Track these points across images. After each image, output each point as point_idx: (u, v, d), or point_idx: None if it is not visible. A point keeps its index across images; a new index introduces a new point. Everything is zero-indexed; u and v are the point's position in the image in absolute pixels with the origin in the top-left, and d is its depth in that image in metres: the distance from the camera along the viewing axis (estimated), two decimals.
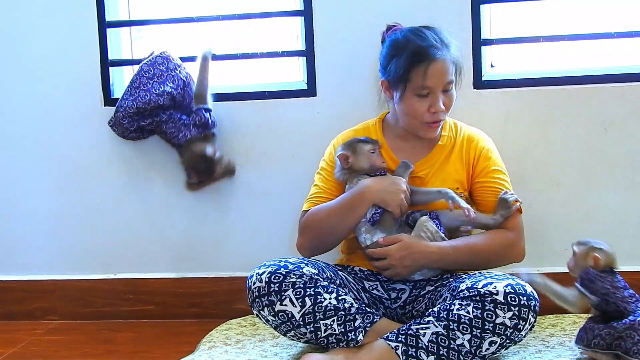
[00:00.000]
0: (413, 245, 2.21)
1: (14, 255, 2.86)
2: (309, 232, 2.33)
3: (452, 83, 2.27)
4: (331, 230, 2.29)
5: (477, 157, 2.34)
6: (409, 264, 2.21)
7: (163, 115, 2.60)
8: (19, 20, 2.76)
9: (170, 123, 2.60)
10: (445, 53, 2.25)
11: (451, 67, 2.26)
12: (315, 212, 2.32)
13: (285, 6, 2.71)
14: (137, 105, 2.57)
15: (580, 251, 2.16)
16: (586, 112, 2.55)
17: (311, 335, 2.11)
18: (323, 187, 2.37)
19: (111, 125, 2.66)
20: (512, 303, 1.99)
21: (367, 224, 2.26)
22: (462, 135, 2.39)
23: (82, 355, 2.46)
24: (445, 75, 2.25)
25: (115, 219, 2.80)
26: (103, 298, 2.81)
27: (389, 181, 2.26)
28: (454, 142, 2.37)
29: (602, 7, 2.60)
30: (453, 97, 2.30)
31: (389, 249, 2.22)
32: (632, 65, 2.56)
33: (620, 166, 2.56)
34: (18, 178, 2.83)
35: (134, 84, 2.59)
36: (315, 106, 2.66)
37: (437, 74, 2.24)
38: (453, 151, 2.35)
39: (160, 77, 2.60)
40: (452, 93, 2.29)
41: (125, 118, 2.60)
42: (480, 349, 2.01)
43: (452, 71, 2.26)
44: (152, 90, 2.57)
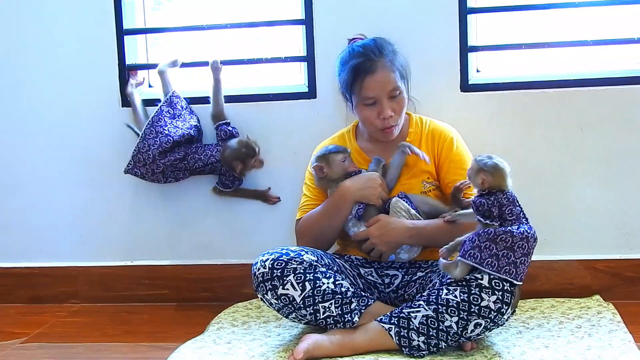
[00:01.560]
0: (390, 222, 2.24)
1: (41, 244, 2.88)
2: (304, 238, 2.38)
3: (396, 89, 2.29)
4: (322, 233, 2.34)
5: (442, 147, 2.36)
6: (388, 239, 2.24)
7: (192, 147, 2.63)
8: (45, 30, 2.78)
9: (200, 150, 2.62)
10: (383, 63, 2.27)
11: (393, 75, 2.28)
12: (305, 220, 2.37)
13: (288, 15, 2.72)
14: (173, 139, 2.55)
15: (472, 168, 2.05)
16: (564, 114, 2.56)
17: (311, 317, 2.14)
18: (310, 196, 2.42)
19: (131, 168, 2.61)
20: (496, 288, 2.00)
21: (353, 219, 2.31)
22: (427, 127, 2.41)
23: (103, 336, 2.49)
24: (386, 84, 2.28)
25: (133, 210, 2.81)
26: (122, 283, 2.83)
27: (366, 178, 2.30)
28: (420, 137, 2.39)
29: (579, 17, 2.61)
30: (403, 102, 2.32)
31: (369, 229, 2.27)
32: (606, 71, 2.56)
33: (595, 163, 2.57)
34: (45, 173, 2.85)
35: (157, 124, 2.57)
36: (316, 107, 2.68)
37: (377, 85, 2.27)
38: (420, 145, 2.37)
39: (181, 115, 2.63)
40: (400, 98, 2.30)
41: (160, 154, 2.55)
42: (466, 330, 2.03)
43: (396, 78, 2.28)
44: (180, 125, 2.60)
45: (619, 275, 2.57)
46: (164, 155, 2.57)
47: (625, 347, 2.07)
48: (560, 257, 2.59)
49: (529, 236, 2.01)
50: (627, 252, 2.57)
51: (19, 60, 2.82)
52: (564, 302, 2.49)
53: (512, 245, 1.98)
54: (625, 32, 2.57)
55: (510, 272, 1.98)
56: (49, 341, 2.45)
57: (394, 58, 2.31)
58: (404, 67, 2.33)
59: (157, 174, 2.60)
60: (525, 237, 1.99)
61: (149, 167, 2.58)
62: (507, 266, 1.98)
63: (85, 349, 2.37)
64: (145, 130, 2.57)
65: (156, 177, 2.62)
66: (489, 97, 2.59)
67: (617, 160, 2.55)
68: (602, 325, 2.25)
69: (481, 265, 1.99)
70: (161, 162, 2.57)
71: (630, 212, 2.57)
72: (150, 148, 2.56)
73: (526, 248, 2.00)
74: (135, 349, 2.35)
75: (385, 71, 2.28)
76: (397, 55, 2.34)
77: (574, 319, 2.33)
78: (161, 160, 2.56)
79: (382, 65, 2.28)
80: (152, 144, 2.55)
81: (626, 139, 2.54)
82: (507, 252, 1.98)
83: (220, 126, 2.63)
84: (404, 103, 2.32)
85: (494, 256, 1.98)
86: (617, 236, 2.58)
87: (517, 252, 1.98)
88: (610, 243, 2.58)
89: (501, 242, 1.98)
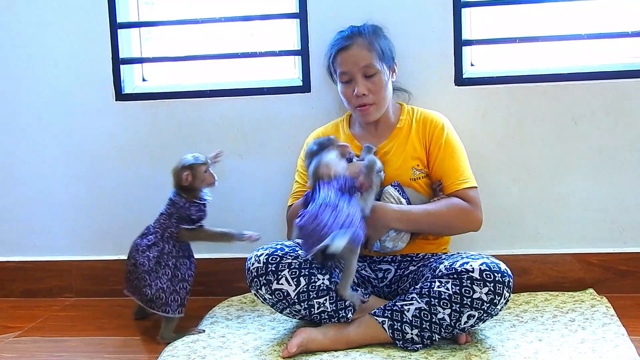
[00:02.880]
0: (376, 207, 2.19)
1: (34, 238, 2.87)
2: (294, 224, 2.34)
3: (370, 67, 2.28)
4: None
5: (432, 134, 2.34)
6: (373, 223, 2.17)
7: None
8: (38, 23, 2.76)
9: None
10: (358, 41, 2.30)
11: (368, 53, 2.28)
12: (295, 206, 2.33)
13: (282, 9, 2.71)
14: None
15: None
16: (558, 107, 2.56)
17: (305, 312, 2.13)
18: (302, 182, 2.40)
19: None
20: (487, 279, 2.01)
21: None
22: (418, 116, 2.39)
23: (96, 329, 2.48)
24: (359, 59, 2.28)
25: (126, 204, 2.80)
26: (115, 277, 2.80)
27: (357, 166, 2.21)
28: (410, 124, 2.38)
29: (573, 11, 2.60)
30: (381, 84, 2.30)
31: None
32: (600, 64, 2.56)
33: (588, 157, 2.57)
34: (38, 167, 2.83)
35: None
36: (310, 101, 2.67)
37: (350, 59, 2.29)
38: (410, 132, 2.36)
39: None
40: (377, 79, 2.29)
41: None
42: (459, 322, 2.04)
43: (372, 57, 2.28)
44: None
45: (612, 269, 2.57)
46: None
47: (619, 340, 2.07)
48: (554, 251, 2.59)
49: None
50: (620, 245, 2.57)
51: (13, 54, 2.80)
52: (557, 296, 2.49)
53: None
54: (618, 26, 2.56)
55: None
56: (42, 335, 2.45)
57: (373, 38, 2.31)
58: (386, 50, 2.33)
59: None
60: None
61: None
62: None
63: (78, 342, 2.37)
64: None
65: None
66: (483, 91, 2.58)
67: (610, 153, 2.55)
68: (595, 319, 2.25)
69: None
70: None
71: (623, 206, 2.57)
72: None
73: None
74: (129, 342, 2.34)
75: (360, 48, 2.29)
76: (379, 37, 2.34)
77: (568, 312, 2.33)
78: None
79: (358, 42, 2.30)
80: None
81: (619, 132, 2.54)
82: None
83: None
84: (381, 85, 2.30)
85: None
86: (610, 230, 2.58)
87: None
88: (603, 237, 2.58)
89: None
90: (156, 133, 2.75)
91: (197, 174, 2.34)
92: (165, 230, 2.36)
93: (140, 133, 2.76)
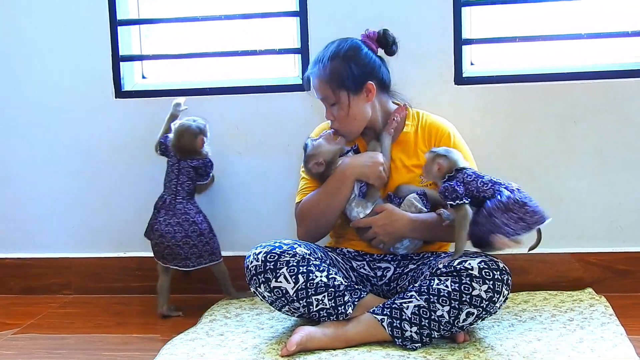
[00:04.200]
0: (395, 213, 2.22)
1: (34, 235, 2.87)
2: (305, 220, 2.33)
3: (327, 99, 2.27)
4: (323, 214, 2.29)
5: (439, 142, 2.32)
6: (391, 230, 2.21)
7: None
8: (37, 20, 2.76)
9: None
10: (316, 72, 2.27)
11: (324, 85, 2.25)
12: (305, 202, 2.33)
13: (282, 7, 2.70)
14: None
15: (427, 160, 2.15)
16: (558, 107, 2.56)
17: (304, 310, 2.12)
18: (309, 179, 2.37)
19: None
20: (486, 277, 2.00)
21: (357, 198, 2.25)
22: (424, 122, 2.37)
23: (95, 327, 2.47)
24: (318, 92, 2.29)
25: (125, 202, 2.80)
26: (114, 274, 2.82)
27: (367, 156, 2.28)
28: (417, 129, 2.36)
29: (573, 10, 2.60)
30: (341, 113, 2.26)
31: (374, 217, 2.23)
32: (600, 64, 2.57)
33: (588, 156, 2.56)
34: (38, 164, 2.83)
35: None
36: (309, 99, 2.65)
37: (314, 89, 2.30)
38: (417, 137, 2.35)
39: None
40: (338, 109, 2.26)
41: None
42: (458, 320, 2.03)
43: (327, 88, 2.25)
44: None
45: (611, 268, 2.56)
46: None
47: (617, 339, 2.07)
48: (553, 250, 2.58)
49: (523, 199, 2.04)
50: (619, 245, 2.57)
51: (12, 51, 2.80)
52: (556, 295, 2.48)
53: (522, 207, 2.02)
54: (618, 26, 2.57)
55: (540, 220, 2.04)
56: (41, 332, 2.44)
57: (330, 68, 2.24)
58: (349, 75, 2.23)
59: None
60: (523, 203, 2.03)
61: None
62: (535, 223, 2.04)
63: (77, 340, 2.36)
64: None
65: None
66: (483, 90, 2.58)
67: (610, 153, 2.55)
68: (594, 318, 2.25)
69: (517, 233, 2.03)
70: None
71: (622, 205, 2.56)
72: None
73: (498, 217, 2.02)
74: (127, 340, 2.34)
75: (316, 79, 2.28)
76: (343, 62, 2.24)
77: (566, 311, 2.32)
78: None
79: (314, 74, 2.28)
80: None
81: (619, 132, 2.54)
82: (524, 210, 2.03)
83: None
84: (342, 114, 2.26)
85: (520, 219, 2.03)
86: (609, 229, 2.57)
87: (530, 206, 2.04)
88: (602, 236, 2.58)
89: (514, 207, 2.02)
90: (156, 130, 2.73)
91: (205, 138, 2.54)
92: (177, 194, 2.52)
93: (140, 130, 2.75)
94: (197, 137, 2.50)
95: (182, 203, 2.52)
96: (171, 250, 2.50)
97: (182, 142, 2.51)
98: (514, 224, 2.01)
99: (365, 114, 2.30)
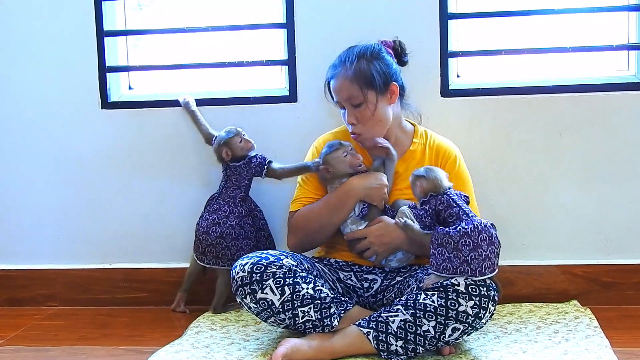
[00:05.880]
0: (391, 224, 2.23)
1: (19, 245, 2.85)
2: (299, 231, 2.34)
3: (352, 98, 2.26)
4: (321, 228, 2.31)
5: (445, 164, 2.34)
6: (387, 241, 2.23)
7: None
8: (24, 30, 2.75)
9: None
10: (342, 72, 2.26)
11: (351, 84, 2.25)
12: (304, 213, 2.33)
13: (269, 19, 2.71)
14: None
15: (410, 180, 2.17)
16: (543, 119, 2.57)
17: (290, 322, 2.12)
18: (307, 188, 2.39)
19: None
20: (473, 293, 2.00)
21: (353, 217, 2.28)
22: (431, 142, 2.39)
23: (80, 339, 2.45)
24: (342, 92, 2.27)
25: (111, 212, 2.79)
26: (100, 286, 2.80)
27: (373, 177, 2.28)
28: (424, 148, 2.38)
29: (558, 24, 2.62)
30: (366, 114, 2.26)
31: (370, 228, 2.25)
32: (585, 77, 2.58)
33: (573, 168, 2.58)
34: (23, 174, 2.81)
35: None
36: (296, 111, 2.66)
37: (336, 91, 2.29)
38: (424, 158, 2.36)
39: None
40: (363, 109, 2.26)
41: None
42: (444, 335, 2.03)
43: (354, 88, 2.24)
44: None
45: (596, 280, 2.57)
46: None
47: (602, 352, 2.07)
48: (539, 262, 2.60)
49: (469, 231, 2.00)
50: (604, 257, 2.58)
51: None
52: (541, 307, 2.49)
53: (456, 246, 2.00)
54: (603, 39, 2.59)
55: (466, 271, 2.00)
56: (25, 344, 2.42)
57: (360, 64, 2.25)
58: (376, 75, 2.25)
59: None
60: (464, 233, 2.00)
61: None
62: (461, 266, 2.00)
63: (61, 352, 2.34)
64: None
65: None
66: (469, 102, 2.59)
67: (595, 165, 2.57)
68: (579, 330, 2.25)
69: (438, 272, 2.03)
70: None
71: (607, 217, 2.58)
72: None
73: (471, 243, 2.00)
74: (112, 352, 2.32)
75: (342, 78, 2.26)
76: (370, 61, 2.26)
77: (552, 323, 2.33)
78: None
79: (341, 73, 2.27)
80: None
81: (604, 144, 2.56)
82: (456, 252, 2.00)
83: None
84: (367, 115, 2.26)
85: (447, 260, 2.01)
86: (594, 241, 2.59)
87: (464, 250, 1.99)
88: (587, 248, 2.59)
89: (447, 246, 2.01)
90: (142, 141, 2.75)
91: (233, 147, 2.50)
92: (235, 198, 2.54)
93: (126, 141, 2.75)
94: (220, 152, 2.52)
95: (220, 204, 2.55)
96: (196, 243, 2.57)
97: (217, 156, 2.56)
98: (447, 254, 2.02)
99: (388, 117, 2.31)
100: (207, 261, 2.55)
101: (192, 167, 2.72)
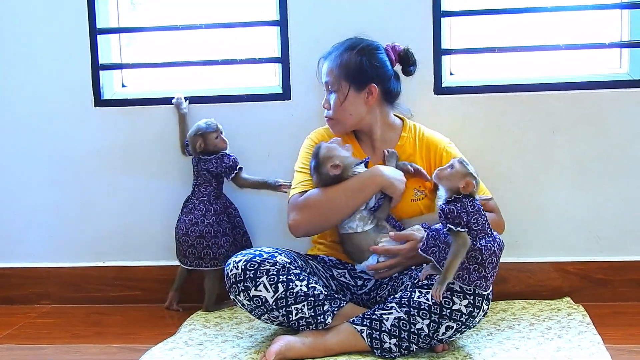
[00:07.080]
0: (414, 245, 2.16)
1: (12, 244, 2.84)
2: (310, 211, 2.23)
3: (330, 84, 2.30)
4: (335, 210, 2.21)
5: (440, 159, 2.33)
6: (411, 263, 2.19)
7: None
8: (17, 29, 2.74)
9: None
10: (332, 56, 2.31)
11: (333, 69, 2.29)
12: (319, 192, 2.23)
13: (263, 16, 2.71)
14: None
15: (457, 170, 2.02)
16: (536, 117, 2.57)
17: (283, 319, 2.12)
18: (308, 173, 2.30)
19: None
20: (467, 292, 2.00)
21: (363, 211, 2.22)
22: (421, 136, 2.38)
23: (73, 337, 2.45)
24: (324, 75, 2.32)
25: (104, 211, 2.79)
26: (93, 284, 2.80)
27: (399, 173, 2.26)
28: (413, 143, 2.38)
29: (551, 21, 2.63)
30: (337, 101, 2.29)
31: (401, 247, 2.19)
32: (578, 75, 2.59)
33: (566, 166, 2.58)
34: (16, 172, 2.81)
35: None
36: (290, 109, 2.66)
37: (321, 71, 2.34)
38: (414, 153, 2.36)
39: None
40: (338, 96, 2.28)
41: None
42: (437, 333, 2.04)
43: (335, 73, 2.28)
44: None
45: (589, 277, 2.58)
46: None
47: (594, 348, 2.08)
48: (532, 259, 2.60)
49: (497, 251, 2.01)
50: (596, 254, 2.59)
51: None
52: (534, 304, 2.50)
53: (482, 262, 1.98)
54: (596, 37, 2.59)
55: (480, 286, 1.99)
56: (18, 343, 2.42)
57: (343, 56, 2.29)
58: (358, 68, 2.27)
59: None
60: (492, 253, 1.99)
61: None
62: (478, 280, 1.99)
63: (54, 350, 2.34)
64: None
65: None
66: (462, 100, 2.60)
67: (588, 163, 2.57)
68: (571, 327, 2.26)
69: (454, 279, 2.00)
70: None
71: (599, 215, 2.59)
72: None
73: (495, 262, 2.01)
74: (105, 350, 2.32)
75: (327, 62, 2.32)
76: (350, 54, 2.28)
77: (545, 320, 2.34)
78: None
79: (330, 57, 2.32)
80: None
81: (597, 142, 2.56)
82: (478, 267, 1.98)
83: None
84: (337, 102, 2.29)
85: (465, 269, 1.98)
86: (587, 239, 2.59)
87: (488, 267, 1.99)
88: (580, 245, 2.60)
89: (472, 259, 1.98)
90: (135, 139, 2.74)
91: (208, 141, 2.54)
92: (209, 196, 2.56)
93: (120, 139, 2.75)
94: (195, 141, 2.55)
95: (194, 203, 2.56)
96: (177, 246, 2.60)
97: (190, 145, 2.59)
98: (471, 274, 1.99)
99: (359, 112, 2.31)
100: (189, 263, 2.56)
101: (185, 165, 2.72)
